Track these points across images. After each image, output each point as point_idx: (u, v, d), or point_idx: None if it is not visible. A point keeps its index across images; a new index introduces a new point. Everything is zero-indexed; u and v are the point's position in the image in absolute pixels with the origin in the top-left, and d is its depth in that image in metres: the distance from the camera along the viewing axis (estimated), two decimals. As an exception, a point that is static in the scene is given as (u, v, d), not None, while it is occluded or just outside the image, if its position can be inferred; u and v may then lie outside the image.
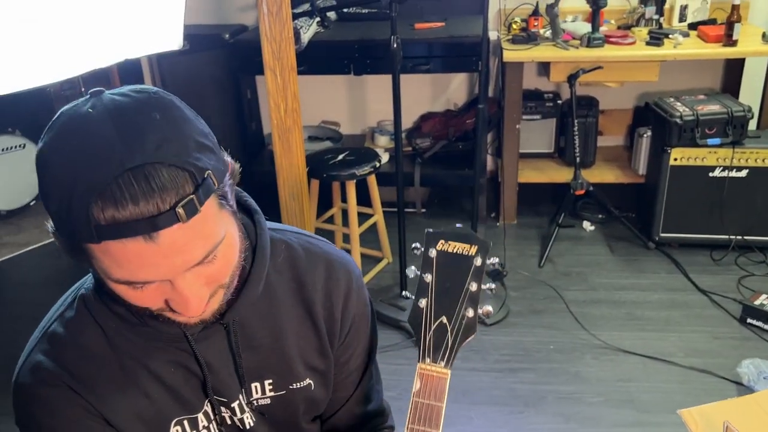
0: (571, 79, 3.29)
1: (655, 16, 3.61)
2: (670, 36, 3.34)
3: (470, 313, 1.00)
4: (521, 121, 3.53)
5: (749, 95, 3.62)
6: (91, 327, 0.91)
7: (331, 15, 3.70)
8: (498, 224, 3.67)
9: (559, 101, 3.75)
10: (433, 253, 1.02)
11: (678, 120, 3.12)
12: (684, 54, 3.25)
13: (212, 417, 0.99)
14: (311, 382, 1.07)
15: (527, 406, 2.45)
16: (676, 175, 3.23)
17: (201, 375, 0.96)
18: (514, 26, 3.63)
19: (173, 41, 2.15)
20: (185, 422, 0.96)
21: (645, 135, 3.54)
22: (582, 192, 3.43)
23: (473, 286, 1.00)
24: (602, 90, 3.78)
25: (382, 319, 2.83)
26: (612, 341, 2.74)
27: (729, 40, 3.26)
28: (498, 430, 2.35)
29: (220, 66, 3.77)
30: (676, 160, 3.21)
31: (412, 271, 1.05)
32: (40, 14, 1.77)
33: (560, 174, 3.69)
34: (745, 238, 3.26)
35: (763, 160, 3.14)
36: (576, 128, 3.38)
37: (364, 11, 3.73)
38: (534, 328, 2.86)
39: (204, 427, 0.98)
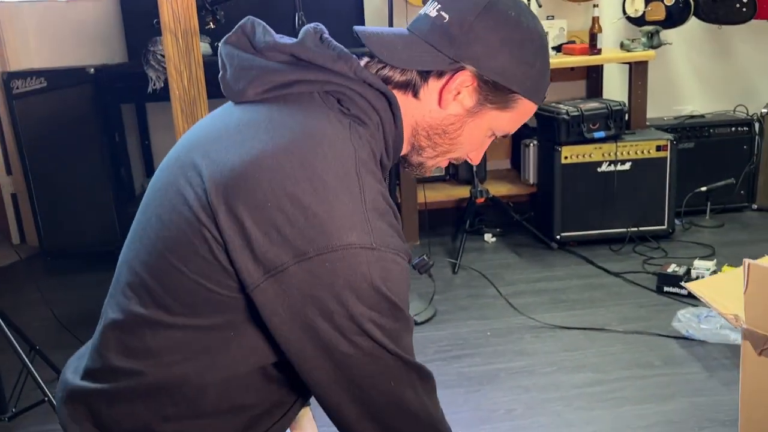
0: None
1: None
2: (541, 52, 3.57)
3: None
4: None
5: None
6: (369, 154, 0.93)
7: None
8: (402, 245, 3.55)
9: (445, 123, 3.82)
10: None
11: (565, 116, 3.27)
12: (558, 62, 3.47)
13: None
14: None
15: (482, 385, 2.26)
16: (567, 174, 3.35)
17: None
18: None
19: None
20: None
21: (531, 144, 3.68)
22: (483, 200, 3.44)
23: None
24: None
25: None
26: (546, 321, 2.66)
27: (594, 50, 3.54)
28: (458, 409, 2.12)
29: (83, 104, 3.44)
30: (566, 158, 3.33)
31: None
32: None
33: (458, 191, 3.70)
34: (639, 228, 3.40)
35: (643, 152, 3.35)
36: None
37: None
38: (466, 321, 2.71)
39: None
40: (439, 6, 0.96)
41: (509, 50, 0.94)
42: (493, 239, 3.58)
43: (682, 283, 2.74)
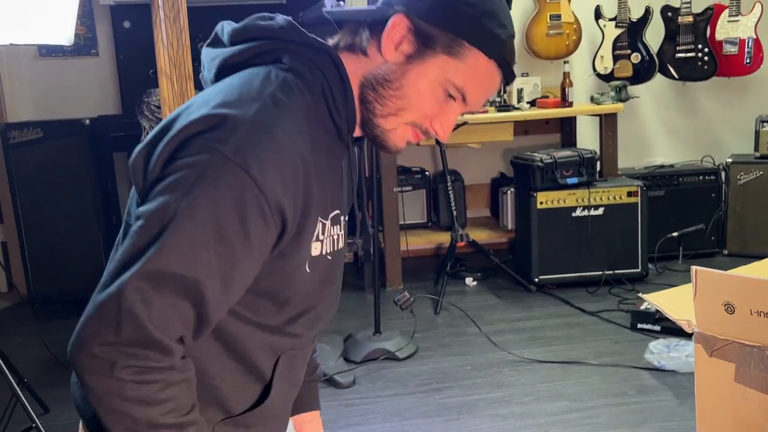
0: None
1: (498, 99, 4.07)
2: (517, 106, 3.77)
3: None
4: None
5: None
6: (304, 108, 0.90)
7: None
8: (386, 290, 3.64)
9: (427, 173, 3.98)
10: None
11: (539, 163, 3.44)
12: (533, 114, 3.66)
13: (328, 233, 0.96)
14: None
15: (461, 414, 2.32)
16: (543, 219, 3.49)
17: (340, 189, 0.99)
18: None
19: (63, 36, 2.04)
20: (320, 223, 0.94)
21: (508, 191, 3.83)
22: (463, 243, 3.55)
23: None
24: (463, 164, 4.09)
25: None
26: (525, 355, 2.74)
27: (565, 103, 3.74)
28: (438, 436, 2.18)
29: (78, 154, 3.57)
30: (542, 203, 3.48)
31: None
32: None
33: (438, 237, 3.82)
34: (615, 272, 3.52)
35: (615, 198, 3.51)
36: (450, 186, 3.58)
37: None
38: (446, 357, 2.78)
39: (327, 236, 0.96)
40: None
41: None
42: (474, 283, 3.68)
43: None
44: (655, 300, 1.58)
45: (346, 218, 1.04)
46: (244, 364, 0.94)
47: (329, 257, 0.97)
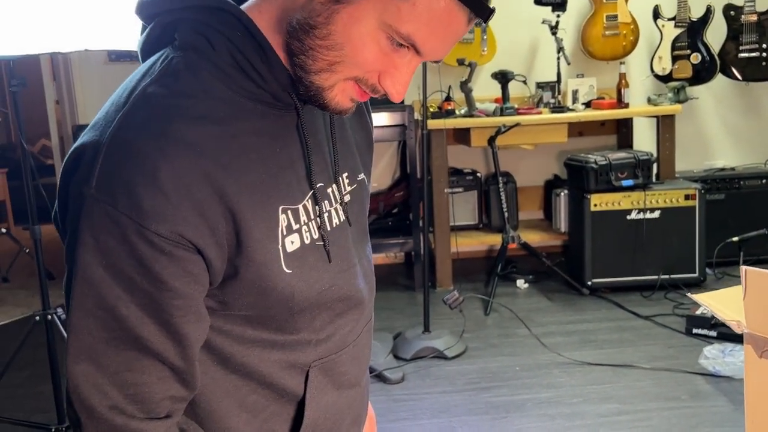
0: (492, 140, 3.56)
1: (552, 100, 4.05)
2: (571, 107, 3.75)
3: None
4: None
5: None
6: (200, 92, 0.73)
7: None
8: (436, 290, 3.66)
9: (479, 174, 3.99)
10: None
11: (594, 165, 3.40)
12: (587, 115, 3.63)
13: (311, 215, 0.81)
14: (365, 177, 0.98)
15: (509, 413, 2.33)
16: (597, 221, 3.45)
17: (305, 161, 0.80)
18: (431, 108, 3.93)
19: (135, 42, 2.16)
20: (289, 212, 0.78)
21: (562, 193, 3.80)
22: (514, 245, 3.55)
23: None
24: (516, 165, 4.08)
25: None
26: (575, 358, 2.72)
27: (621, 104, 3.70)
28: (485, 433, 2.20)
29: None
30: (595, 206, 3.44)
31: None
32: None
33: (490, 238, 3.82)
34: (671, 276, 3.45)
35: (671, 201, 3.45)
36: (501, 188, 3.58)
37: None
38: (496, 357, 2.79)
39: (304, 223, 0.80)
40: None
41: None
42: (526, 285, 3.66)
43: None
44: (705, 300, 1.56)
45: (344, 183, 0.88)
46: (269, 390, 0.82)
47: (319, 242, 0.81)
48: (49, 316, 2.21)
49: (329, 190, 0.84)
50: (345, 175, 0.89)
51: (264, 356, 0.80)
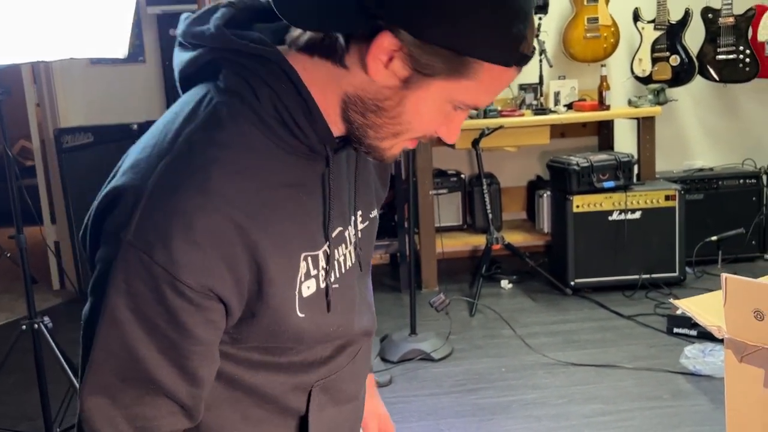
0: (476, 143, 3.59)
1: (534, 102, 4.09)
2: (553, 109, 3.79)
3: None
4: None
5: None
6: (241, 144, 0.74)
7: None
8: (421, 291, 3.69)
9: (463, 176, 4.02)
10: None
11: (576, 167, 3.45)
12: (569, 117, 3.67)
13: (330, 260, 0.84)
14: (377, 213, 1.00)
15: (495, 414, 2.37)
16: (579, 222, 3.50)
17: (324, 207, 0.82)
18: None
19: (119, 49, 2.16)
20: (309, 259, 0.81)
21: (544, 195, 3.85)
22: (498, 246, 3.59)
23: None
24: (499, 167, 4.12)
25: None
26: (559, 358, 2.76)
27: (602, 106, 3.75)
28: (472, 436, 2.24)
29: (127, 159, 3.72)
30: (578, 207, 3.49)
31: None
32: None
33: (474, 239, 3.86)
34: (652, 276, 3.51)
35: (652, 201, 3.50)
36: (485, 189, 3.62)
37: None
38: (481, 358, 2.83)
39: (322, 268, 0.82)
40: None
41: None
42: (509, 285, 3.71)
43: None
44: (687, 306, 1.60)
45: (357, 221, 0.91)
46: (272, 406, 0.85)
47: (336, 285, 0.84)
48: (36, 325, 2.20)
49: (346, 234, 0.87)
50: (359, 213, 0.92)
51: (270, 378, 0.84)
